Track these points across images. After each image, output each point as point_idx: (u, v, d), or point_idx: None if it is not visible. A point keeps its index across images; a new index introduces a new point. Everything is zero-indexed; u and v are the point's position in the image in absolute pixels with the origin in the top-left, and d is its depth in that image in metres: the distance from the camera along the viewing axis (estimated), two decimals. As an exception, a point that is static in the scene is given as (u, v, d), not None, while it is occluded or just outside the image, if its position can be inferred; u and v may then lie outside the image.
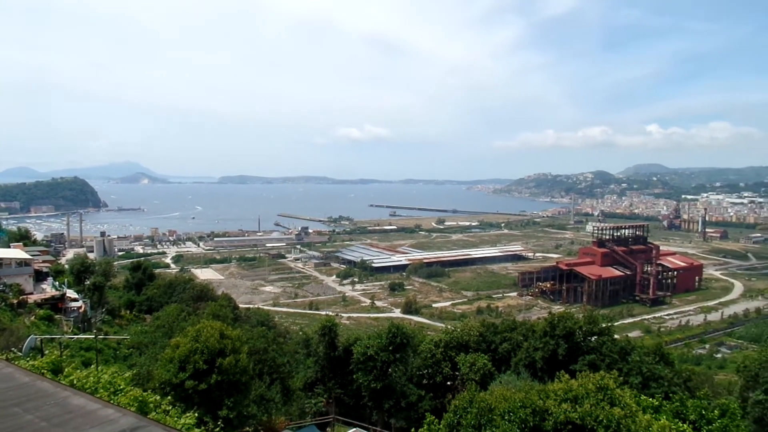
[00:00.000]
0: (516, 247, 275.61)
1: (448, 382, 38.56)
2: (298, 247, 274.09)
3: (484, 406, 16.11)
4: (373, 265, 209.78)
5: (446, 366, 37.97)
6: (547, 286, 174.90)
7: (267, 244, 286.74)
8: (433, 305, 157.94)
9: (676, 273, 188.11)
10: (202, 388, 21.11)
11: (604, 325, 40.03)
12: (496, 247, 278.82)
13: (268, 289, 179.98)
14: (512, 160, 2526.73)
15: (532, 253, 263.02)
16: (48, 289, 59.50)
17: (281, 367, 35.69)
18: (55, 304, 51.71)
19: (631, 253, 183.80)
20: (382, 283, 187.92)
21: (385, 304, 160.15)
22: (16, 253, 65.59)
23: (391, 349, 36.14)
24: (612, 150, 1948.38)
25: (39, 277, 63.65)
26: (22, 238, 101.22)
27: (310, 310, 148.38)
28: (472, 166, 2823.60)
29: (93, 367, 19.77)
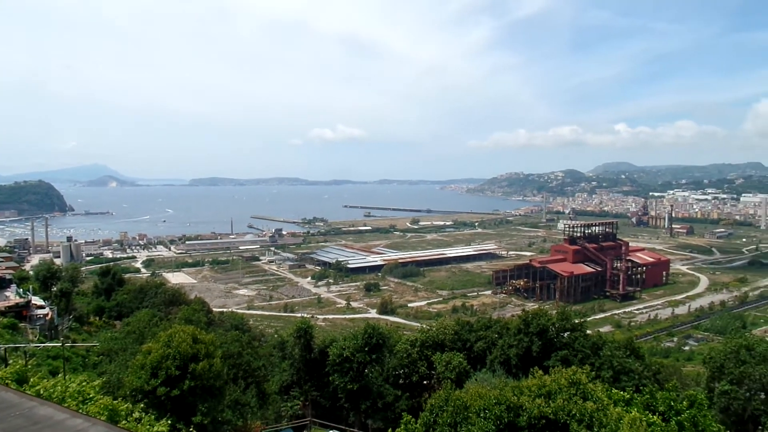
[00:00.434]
0: (490, 246, 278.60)
1: (425, 381, 38.71)
2: (272, 249, 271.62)
3: (460, 404, 16.23)
4: (349, 266, 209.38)
5: (422, 365, 38.10)
6: (521, 283, 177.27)
7: (240, 247, 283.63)
8: (409, 305, 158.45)
9: (644, 268, 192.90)
10: (175, 394, 20.72)
11: (577, 321, 40.74)
12: (470, 246, 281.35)
13: (242, 292, 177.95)
14: (485, 160, 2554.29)
15: (506, 252, 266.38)
16: (12, 297, 57.55)
17: (256, 371, 35.27)
18: (20, 311, 49.99)
19: (602, 249, 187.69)
20: (358, 283, 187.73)
21: (361, 305, 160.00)
22: (-23, 260, 63.29)
23: (367, 349, 36.13)
24: (582, 149, 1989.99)
25: (2, 284, 61.54)
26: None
27: (285, 312, 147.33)
28: (446, 166, 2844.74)
29: (60, 376, 19.24)
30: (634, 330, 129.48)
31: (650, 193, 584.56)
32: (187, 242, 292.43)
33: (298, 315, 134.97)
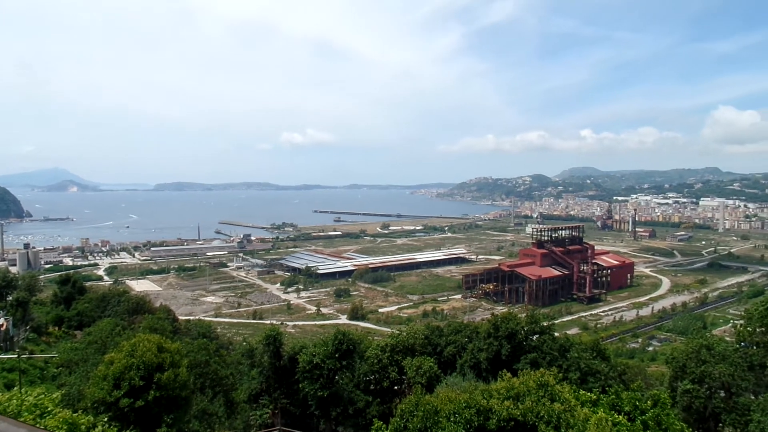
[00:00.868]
0: (459, 250, 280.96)
1: (395, 387, 38.61)
2: (241, 255, 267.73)
3: (430, 409, 16.21)
4: (319, 272, 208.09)
5: (393, 370, 38.00)
6: (490, 287, 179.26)
7: (208, 253, 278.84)
8: (380, 310, 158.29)
9: (610, 271, 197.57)
10: (139, 405, 20.10)
11: (545, 324, 41.37)
12: (440, 250, 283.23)
13: (210, 299, 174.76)
14: (455, 164, 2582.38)
15: (475, 256, 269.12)
16: (-35, 307, 55.22)
17: (224, 380, 34.61)
18: (-27, 322, 48.01)
19: (568, 253, 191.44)
20: (328, 289, 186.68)
21: (331, 311, 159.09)
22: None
23: (337, 356, 35.84)
24: (549, 154, 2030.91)
25: (-46, 294, 58.99)
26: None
27: (254, 319, 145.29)
28: (416, 170, 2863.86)
29: (16, 389, 18.45)
30: (600, 332, 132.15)
31: (614, 198, 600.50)
32: (152, 248, 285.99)
33: (268, 322, 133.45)
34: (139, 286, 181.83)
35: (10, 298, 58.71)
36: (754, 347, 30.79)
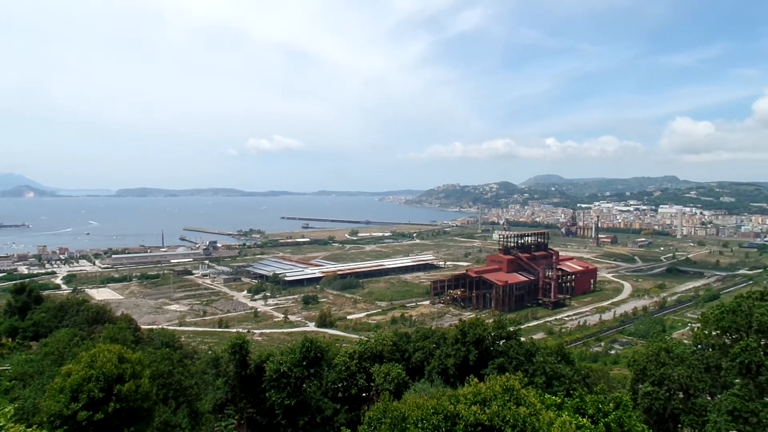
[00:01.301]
0: (428, 257, 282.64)
1: (364, 394, 38.43)
2: (206, 262, 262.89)
3: (398, 415, 16.19)
4: (286, 279, 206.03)
5: (361, 378, 37.82)
6: (458, 293, 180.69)
7: (172, 260, 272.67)
8: (348, 317, 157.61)
9: (574, 276, 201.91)
10: (99, 418, 19.42)
11: (512, 329, 41.94)
12: (408, 256, 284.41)
13: (174, 307, 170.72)
14: (423, 171, 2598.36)
15: (443, 262, 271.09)
16: None
17: (188, 390, 33.78)
18: None
19: (534, 259, 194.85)
20: (296, 296, 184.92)
21: (299, 318, 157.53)
22: None
23: (305, 363, 35.48)
24: (515, 161, 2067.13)
25: None
26: None
27: (220, 327, 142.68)
28: (384, 177, 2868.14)
29: (-35, 404, 17.58)
30: (564, 336, 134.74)
31: (578, 205, 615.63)
32: (114, 256, 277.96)
33: (234, 330, 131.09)
34: (100, 295, 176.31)
35: (-40, 309, 56.03)
36: (710, 349, 31.85)
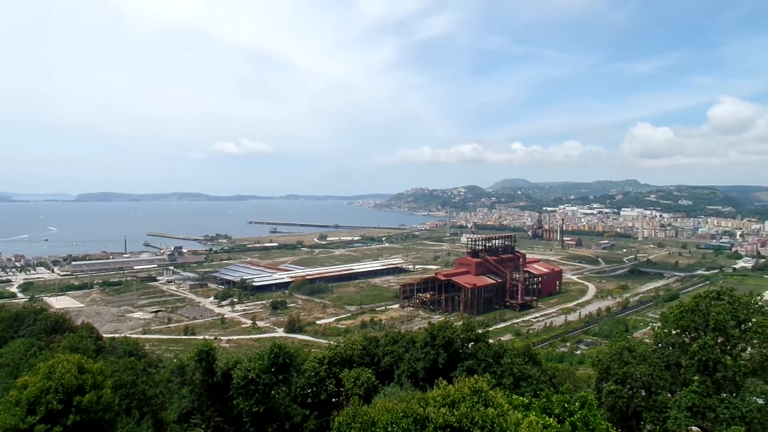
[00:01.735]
0: (397, 260, 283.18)
1: (333, 399, 38.24)
2: (171, 268, 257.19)
3: (367, 420, 16.18)
4: (254, 284, 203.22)
5: (331, 383, 37.62)
6: (427, 296, 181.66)
7: (135, 267, 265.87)
8: (317, 322, 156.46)
9: (540, 279, 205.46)
10: (58, 431, 18.75)
11: (480, 332, 42.43)
12: (377, 260, 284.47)
13: (137, 315, 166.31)
14: (392, 175, 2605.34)
15: (413, 266, 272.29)
16: None
17: (152, 399, 32.97)
18: None
19: (502, 261, 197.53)
20: (264, 302, 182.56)
21: (267, 324, 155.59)
22: None
23: (273, 370, 35.07)
24: (482, 166, 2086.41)
25: None
26: None
27: (186, 335, 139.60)
28: (353, 181, 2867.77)
29: None
30: (531, 337, 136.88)
31: (544, 208, 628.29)
32: (74, 263, 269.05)
33: (200, 337, 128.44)
34: (59, 303, 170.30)
35: None
36: (670, 348, 32.82)
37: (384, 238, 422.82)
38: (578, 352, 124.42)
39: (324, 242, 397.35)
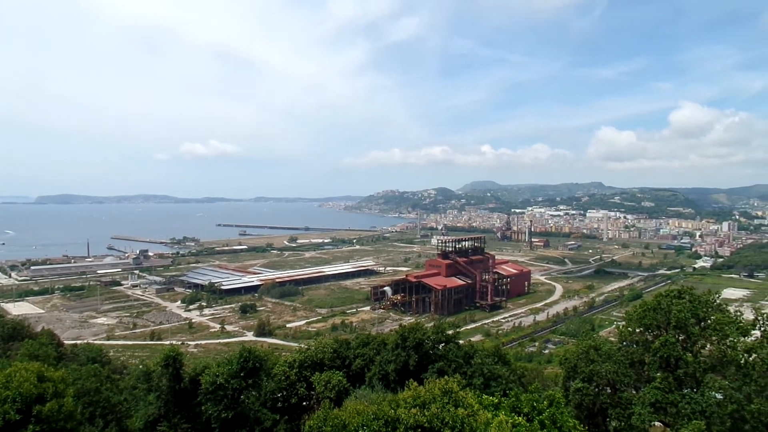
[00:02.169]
0: (368, 262, 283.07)
1: (304, 403, 37.93)
2: (137, 272, 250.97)
3: (338, 423, 16.13)
4: (223, 288, 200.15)
5: (301, 386, 37.31)
6: (398, 298, 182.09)
7: (99, 271, 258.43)
8: (288, 325, 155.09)
9: (509, 279, 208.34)
10: (16, 442, 18.09)
11: (450, 333, 42.74)
12: (348, 263, 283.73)
13: (101, 320, 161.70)
14: (363, 177, 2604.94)
15: (383, 268, 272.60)
16: None
17: (117, 407, 32.16)
18: None
19: (471, 263, 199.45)
20: (233, 305, 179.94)
21: (237, 328, 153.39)
22: None
23: (242, 374, 34.54)
24: (452, 168, 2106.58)
25: None
26: None
27: (152, 340, 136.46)
28: (323, 183, 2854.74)
29: None
30: (501, 338, 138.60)
31: (512, 210, 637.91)
32: (33, 267, 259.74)
33: (167, 342, 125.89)
34: (17, 309, 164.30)
35: None
36: (634, 346, 33.70)
37: (355, 240, 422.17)
38: (546, 352, 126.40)
39: (294, 245, 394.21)
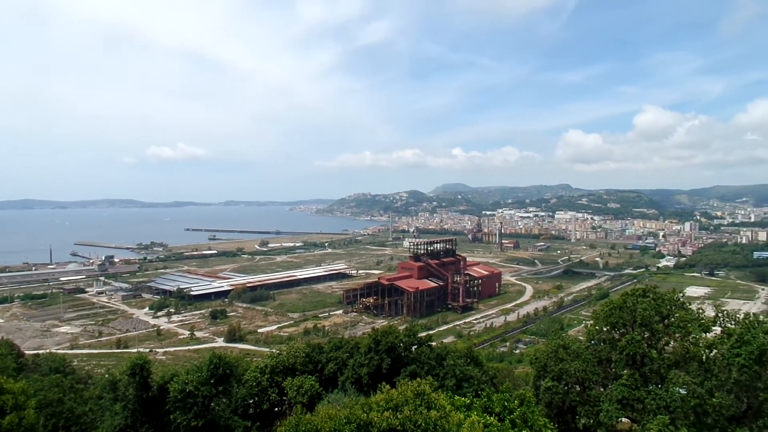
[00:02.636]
0: (340, 266, 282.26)
1: (276, 409, 37.50)
2: (102, 279, 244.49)
3: (311, 428, 15.99)
4: (192, 293, 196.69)
5: (273, 392, 36.88)
6: (371, 301, 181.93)
7: (62, 278, 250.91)
8: (259, 330, 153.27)
9: (480, 281, 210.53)
10: (-28, 458, 17.37)
11: (423, 335, 42.89)
12: (320, 266, 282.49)
13: (64, 329, 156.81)
14: (334, 181, 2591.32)
15: (356, 271, 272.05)
16: None
17: (81, 418, 31.22)
18: None
19: (443, 265, 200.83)
20: (203, 311, 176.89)
21: (207, 334, 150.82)
22: None
23: (213, 381, 33.91)
24: (424, 171, 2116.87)
25: None
26: None
27: (119, 348, 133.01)
28: (295, 187, 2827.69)
29: None
30: (473, 338, 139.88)
31: (483, 212, 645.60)
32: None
33: (134, 350, 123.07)
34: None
35: None
36: (602, 344, 34.33)
37: (327, 244, 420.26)
38: (517, 351, 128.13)
39: (265, 249, 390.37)
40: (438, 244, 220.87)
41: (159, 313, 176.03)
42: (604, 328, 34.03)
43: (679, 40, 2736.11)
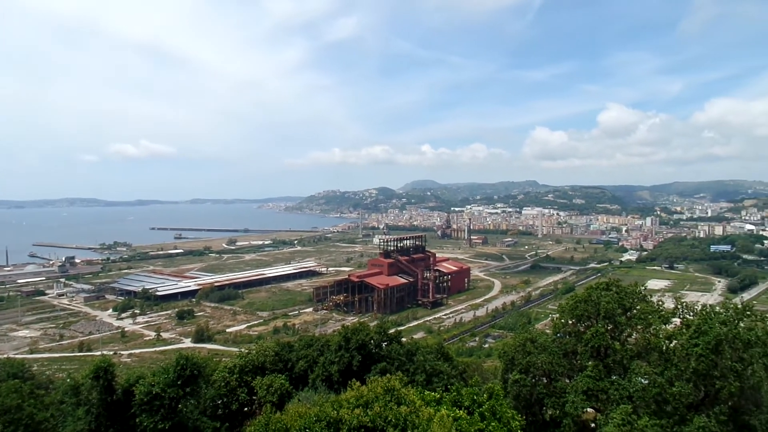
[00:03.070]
0: (310, 263, 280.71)
1: (246, 409, 37.12)
2: (63, 280, 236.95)
3: (280, 427, 15.92)
4: (158, 294, 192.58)
5: (242, 392, 36.48)
6: (341, 298, 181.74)
7: (19, 280, 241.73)
8: (228, 330, 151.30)
9: (450, 277, 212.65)
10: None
11: (393, 332, 43.07)
12: (290, 264, 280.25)
13: (23, 333, 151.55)
14: (303, 178, 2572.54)
15: (326, 268, 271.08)
16: None
17: (42, 424, 30.25)
18: None
19: (413, 261, 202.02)
20: (169, 312, 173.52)
21: (173, 335, 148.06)
22: None
23: (180, 383, 33.29)
24: (393, 167, 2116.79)
25: None
26: None
27: (81, 352, 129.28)
28: (262, 184, 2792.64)
29: None
30: (443, 334, 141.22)
31: (452, 208, 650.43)
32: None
33: (98, 353, 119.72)
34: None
35: None
36: (568, 337, 35.16)
37: (296, 242, 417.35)
38: (486, 346, 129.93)
39: (233, 247, 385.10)
40: (408, 241, 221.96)
41: (123, 315, 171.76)
42: (570, 321, 34.86)
43: (640, 40, 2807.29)
